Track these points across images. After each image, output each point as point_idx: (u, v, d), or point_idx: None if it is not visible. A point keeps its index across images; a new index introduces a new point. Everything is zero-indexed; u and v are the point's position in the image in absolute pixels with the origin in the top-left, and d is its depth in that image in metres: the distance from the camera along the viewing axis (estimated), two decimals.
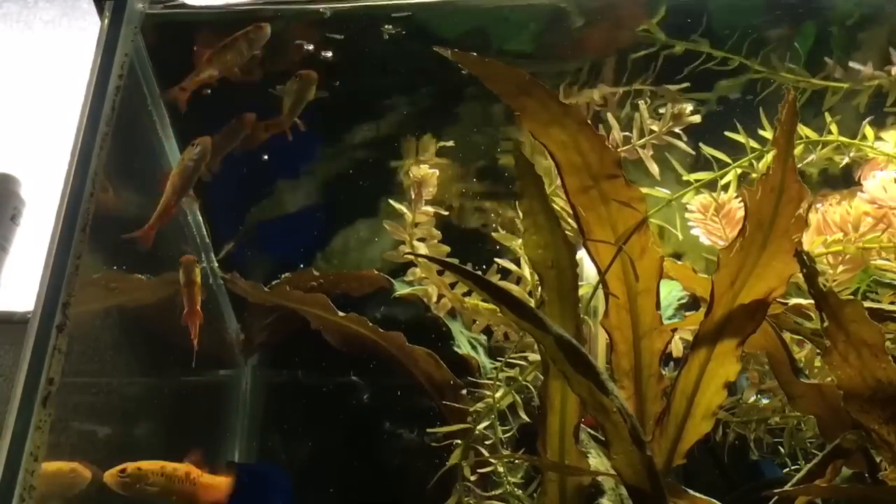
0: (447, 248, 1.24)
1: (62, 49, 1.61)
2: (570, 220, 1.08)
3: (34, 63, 1.62)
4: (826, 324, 0.81)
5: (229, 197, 1.49)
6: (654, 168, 1.12)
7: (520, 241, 1.16)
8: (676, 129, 1.16)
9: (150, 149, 1.36)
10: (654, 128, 1.16)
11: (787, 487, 0.84)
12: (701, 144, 1.10)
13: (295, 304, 1.32)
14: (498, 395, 1.11)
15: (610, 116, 1.14)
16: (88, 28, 1.60)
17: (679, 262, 1.06)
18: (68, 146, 1.13)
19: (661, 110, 1.18)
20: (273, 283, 1.38)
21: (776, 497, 0.85)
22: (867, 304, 0.86)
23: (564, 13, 1.26)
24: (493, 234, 1.20)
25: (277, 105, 1.27)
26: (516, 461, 1.08)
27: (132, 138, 1.29)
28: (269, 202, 1.53)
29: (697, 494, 0.89)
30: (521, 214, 0.97)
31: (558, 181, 0.97)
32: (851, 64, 1.22)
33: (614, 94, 1.27)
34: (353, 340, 1.30)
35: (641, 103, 1.16)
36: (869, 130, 1.09)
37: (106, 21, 1.22)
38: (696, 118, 1.16)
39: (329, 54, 1.32)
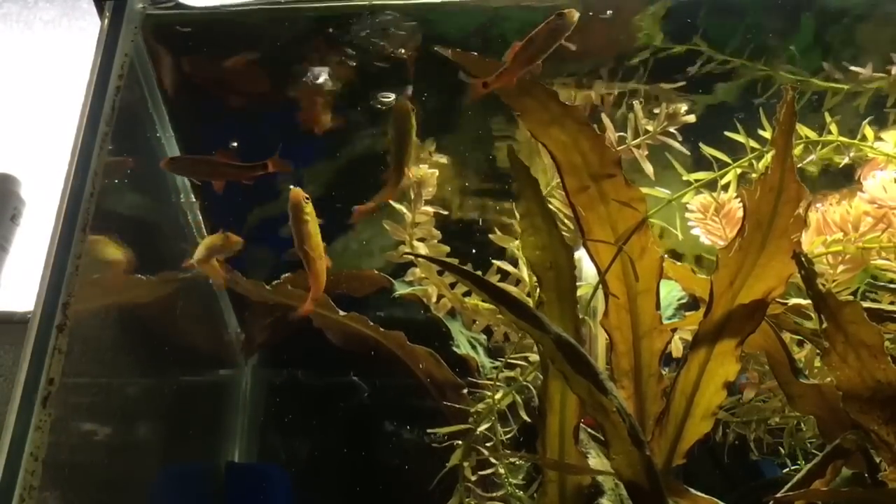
0: (447, 248, 1.24)
1: (62, 49, 1.61)
2: (567, 220, 1.08)
3: (34, 63, 1.62)
4: (825, 325, 0.81)
5: (229, 197, 1.49)
6: (649, 168, 1.12)
7: (517, 242, 1.16)
8: (672, 129, 1.16)
9: (151, 149, 1.36)
10: (650, 128, 1.16)
11: (785, 490, 0.84)
12: (701, 144, 1.10)
13: (297, 302, 1.32)
14: (498, 395, 1.11)
15: (604, 117, 1.13)
16: (88, 28, 1.60)
17: (678, 263, 1.06)
18: (68, 146, 1.13)
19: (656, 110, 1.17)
20: (274, 283, 1.38)
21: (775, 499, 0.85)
22: (866, 304, 0.86)
23: None
24: (490, 236, 1.20)
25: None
26: (517, 462, 1.08)
27: (132, 138, 1.29)
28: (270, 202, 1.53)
29: (699, 493, 0.89)
30: (518, 216, 0.97)
31: (556, 181, 0.97)
32: (851, 67, 1.22)
33: (611, 94, 1.27)
34: (355, 339, 1.30)
35: (636, 103, 1.16)
36: (869, 130, 1.09)
37: (106, 21, 1.22)
38: (691, 118, 1.16)
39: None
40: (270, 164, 1.16)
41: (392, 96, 1.30)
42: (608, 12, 1.23)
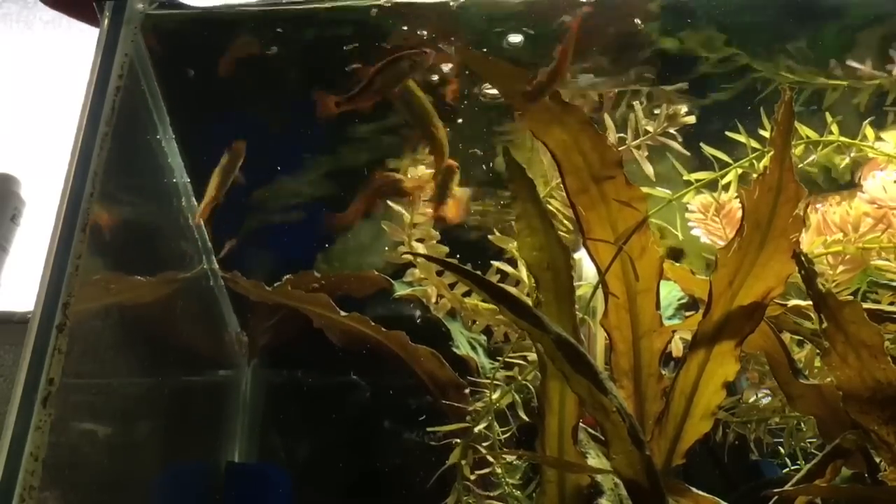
0: (445, 249, 1.24)
1: (62, 49, 1.61)
2: (565, 220, 1.08)
3: (34, 63, 1.62)
4: (825, 325, 0.81)
5: (229, 198, 1.49)
6: (649, 169, 1.12)
7: (515, 243, 1.16)
8: (672, 130, 1.16)
9: (150, 149, 1.36)
10: (649, 128, 1.16)
11: (787, 487, 0.84)
12: (702, 144, 1.10)
13: (296, 302, 1.32)
14: (496, 395, 1.11)
15: (606, 117, 1.13)
16: (88, 28, 1.60)
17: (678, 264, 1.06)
18: (68, 146, 1.13)
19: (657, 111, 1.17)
20: (274, 285, 1.38)
21: (776, 497, 0.85)
22: (867, 305, 0.86)
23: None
24: (489, 237, 1.20)
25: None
26: (515, 461, 1.08)
27: (132, 138, 1.29)
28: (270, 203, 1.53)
29: (700, 492, 0.89)
30: (514, 217, 0.97)
31: (554, 182, 0.96)
32: (850, 63, 1.22)
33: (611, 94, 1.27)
34: (356, 339, 1.30)
35: (636, 104, 1.16)
36: (869, 130, 1.09)
37: (106, 21, 1.22)
38: (692, 119, 1.16)
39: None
40: None
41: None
42: None
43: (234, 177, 1.26)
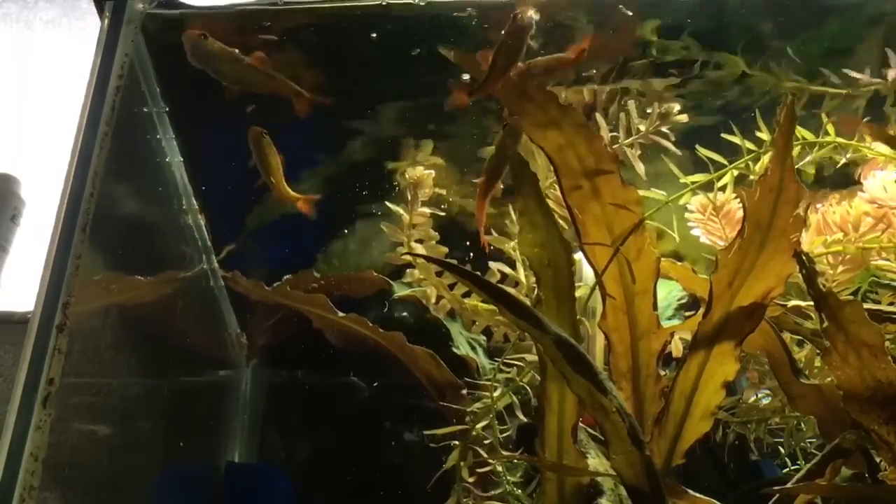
0: (445, 249, 1.24)
1: (62, 49, 1.61)
2: (562, 221, 1.08)
3: (34, 63, 1.62)
4: (826, 324, 0.81)
5: (229, 198, 1.49)
6: (641, 168, 1.12)
7: (513, 243, 1.16)
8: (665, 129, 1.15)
9: (150, 149, 1.36)
10: (642, 127, 1.16)
11: (787, 486, 0.84)
12: (697, 146, 1.10)
13: (295, 303, 1.32)
14: (495, 395, 1.10)
15: (598, 117, 1.13)
16: (88, 28, 1.60)
17: (678, 263, 1.06)
18: (68, 146, 1.13)
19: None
20: (274, 285, 1.38)
21: (776, 496, 0.85)
22: (867, 305, 0.86)
23: None
24: (487, 237, 1.20)
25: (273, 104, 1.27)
26: (515, 461, 1.08)
27: (132, 138, 1.29)
28: (269, 204, 1.53)
29: (697, 494, 0.89)
30: (516, 213, 0.97)
31: (547, 182, 0.96)
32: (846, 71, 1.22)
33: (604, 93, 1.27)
34: (354, 340, 1.30)
35: (630, 103, 1.16)
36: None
37: (106, 21, 1.22)
38: (684, 117, 1.16)
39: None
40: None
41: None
42: None
43: None
